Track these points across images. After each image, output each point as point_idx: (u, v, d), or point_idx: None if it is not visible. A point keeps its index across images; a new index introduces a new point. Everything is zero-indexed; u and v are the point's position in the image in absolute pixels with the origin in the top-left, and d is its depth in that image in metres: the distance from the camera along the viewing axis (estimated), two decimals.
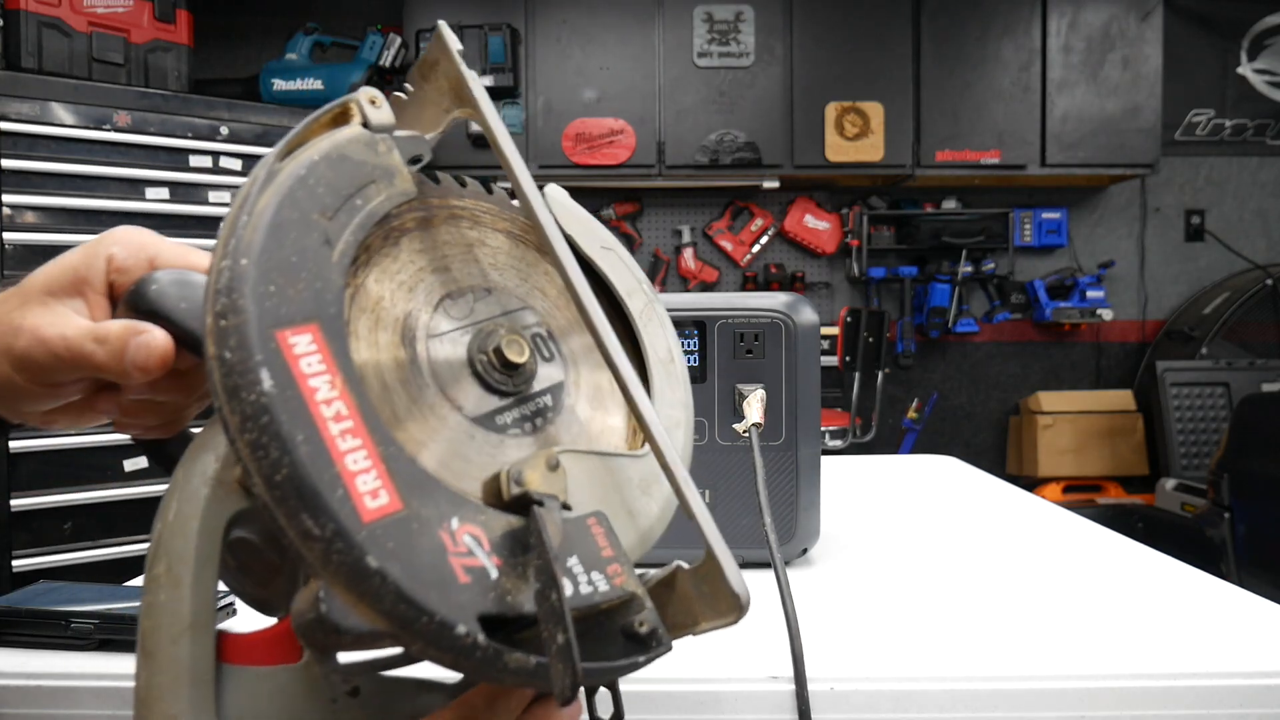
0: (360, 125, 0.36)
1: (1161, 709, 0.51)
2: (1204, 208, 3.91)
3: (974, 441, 3.92)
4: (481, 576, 0.29)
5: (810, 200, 3.75)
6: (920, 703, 0.51)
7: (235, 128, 2.67)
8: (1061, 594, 0.69)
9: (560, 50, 3.38)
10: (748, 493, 0.73)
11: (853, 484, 1.17)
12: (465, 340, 0.37)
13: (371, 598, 0.27)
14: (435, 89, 0.40)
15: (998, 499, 1.08)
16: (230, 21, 3.56)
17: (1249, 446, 2.50)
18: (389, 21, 3.46)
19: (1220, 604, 0.66)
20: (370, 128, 0.36)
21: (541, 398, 0.38)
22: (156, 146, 2.55)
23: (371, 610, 0.27)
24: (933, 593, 0.69)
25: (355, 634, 0.29)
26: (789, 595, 0.55)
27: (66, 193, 2.43)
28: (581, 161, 3.37)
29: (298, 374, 0.28)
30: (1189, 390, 3.43)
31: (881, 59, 3.42)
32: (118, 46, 2.66)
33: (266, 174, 0.33)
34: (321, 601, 0.28)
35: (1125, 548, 0.83)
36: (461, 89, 0.39)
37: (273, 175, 0.33)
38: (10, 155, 2.35)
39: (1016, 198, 3.79)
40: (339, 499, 0.27)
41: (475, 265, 0.40)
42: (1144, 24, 3.47)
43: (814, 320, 0.74)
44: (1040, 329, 3.88)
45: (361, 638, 0.29)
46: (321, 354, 0.29)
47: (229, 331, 0.28)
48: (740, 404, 0.72)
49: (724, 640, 0.57)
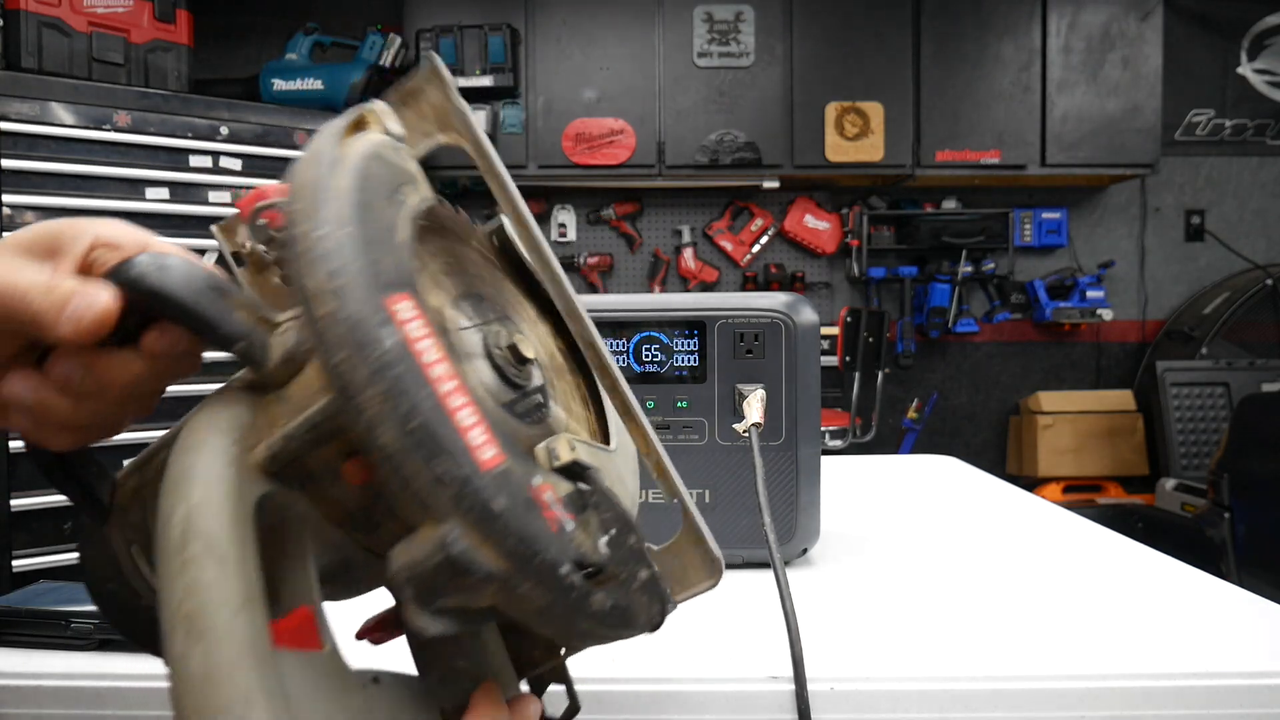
0: (382, 133, 0.38)
1: (1161, 709, 0.51)
2: (1204, 208, 3.91)
3: (974, 441, 3.92)
4: (563, 527, 0.32)
5: (810, 200, 3.75)
6: (920, 703, 0.51)
7: (235, 128, 2.67)
8: (1061, 594, 0.69)
9: (560, 50, 3.38)
10: (748, 493, 0.73)
11: (853, 484, 1.17)
12: (479, 337, 0.38)
13: (498, 537, 0.29)
14: (417, 114, 0.42)
15: (998, 499, 1.08)
16: (230, 21, 3.56)
17: (1249, 446, 2.50)
18: (389, 21, 3.46)
19: (1220, 604, 0.66)
20: (391, 136, 0.38)
21: (537, 394, 0.40)
22: (156, 146, 2.55)
23: (495, 550, 0.30)
24: (932, 593, 0.69)
25: (480, 574, 0.30)
26: (788, 595, 0.55)
27: (66, 193, 2.43)
28: (581, 161, 3.37)
29: (408, 335, 0.30)
30: (1189, 390, 3.43)
31: (881, 59, 3.42)
32: (118, 46, 2.66)
33: (331, 159, 0.34)
34: (451, 544, 0.29)
35: (1125, 548, 0.83)
36: (447, 117, 0.41)
37: (336, 161, 0.34)
38: (10, 155, 2.35)
39: (1016, 198, 3.79)
40: (464, 448, 0.30)
41: (470, 274, 0.43)
42: (1144, 24, 3.47)
43: (814, 320, 0.74)
44: (1040, 329, 3.88)
45: (480, 581, 0.30)
46: (421, 320, 0.31)
47: (347, 290, 0.30)
48: (740, 404, 0.72)
49: (723, 640, 0.57)
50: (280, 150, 2.75)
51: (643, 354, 0.74)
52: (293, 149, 2.78)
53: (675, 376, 0.74)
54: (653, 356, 0.74)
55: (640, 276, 3.79)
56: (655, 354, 0.74)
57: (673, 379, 0.74)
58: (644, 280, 3.78)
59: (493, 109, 3.31)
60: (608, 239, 3.78)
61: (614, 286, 3.78)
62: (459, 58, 3.25)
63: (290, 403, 0.34)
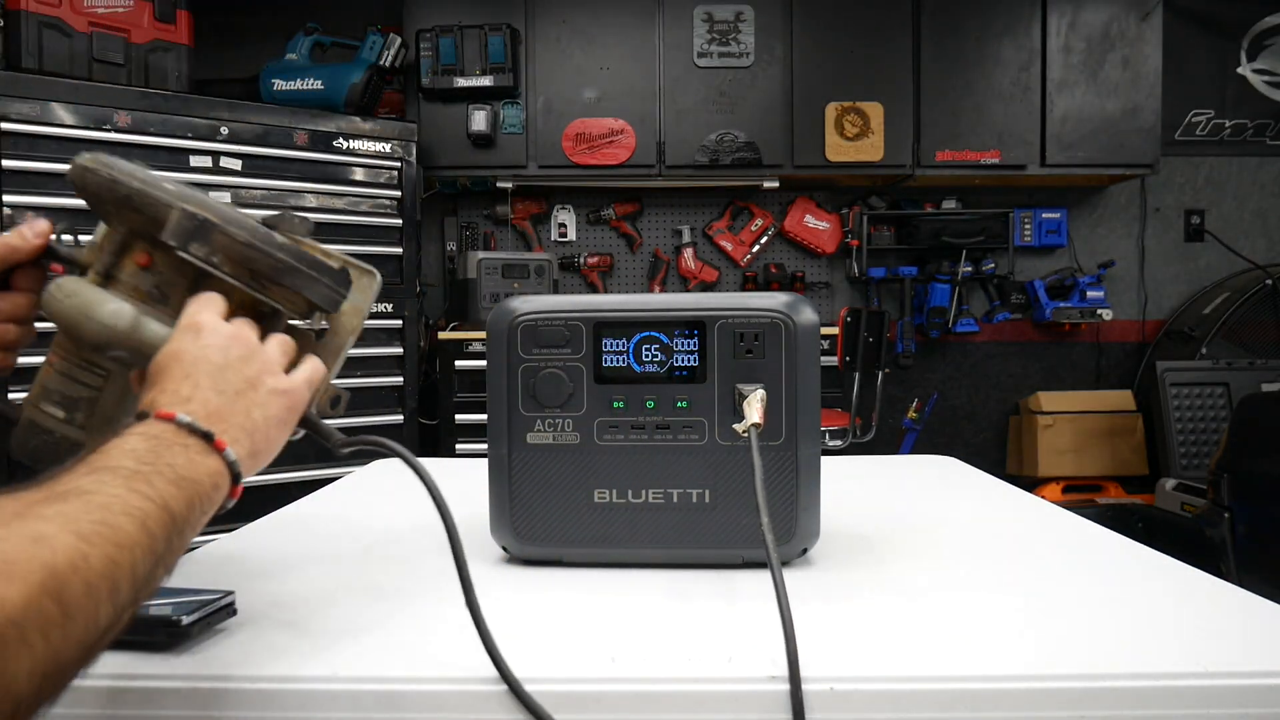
0: None
1: (1161, 709, 0.51)
2: (1204, 208, 3.91)
3: (974, 441, 3.92)
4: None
5: (810, 200, 3.76)
6: (920, 703, 0.51)
7: (235, 128, 2.67)
8: (1061, 594, 0.69)
9: (560, 50, 3.38)
10: (748, 493, 0.73)
11: (853, 484, 1.17)
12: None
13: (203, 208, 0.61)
14: None
15: (998, 499, 1.08)
16: (230, 21, 3.56)
17: (1249, 446, 2.50)
18: (389, 21, 3.46)
19: (1220, 604, 0.66)
20: None
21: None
22: (156, 146, 2.55)
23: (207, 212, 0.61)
24: (933, 593, 0.69)
25: (198, 220, 0.60)
26: (784, 595, 0.55)
27: (67, 193, 2.42)
28: (581, 161, 3.37)
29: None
30: (1189, 390, 3.43)
31: (881, 59, 3.42)
32: (118, 46, 2.66)
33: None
34: (184, 214, 0.61)
35: (1125, 548, 0.83)
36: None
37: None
38: (10, 155, 2.35)
39: (1016, 198, 3.79)
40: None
41: None
42: (1144, 24, 3.47)
43: (814, 320, 0.74)
44: (1040, 329, 3.88)
45: (201, 225, 0.60)
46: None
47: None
48: (740, 404, 0.72)
49: (723, 640, 0.57)
50: (280, 150, 2.75)
51: (643, 354, 0.74)
52: (293, 149, 2.78)
53: (675, 376, 0.74)
54: (653, 356, 0.74)
55: (640, 276, 3.79)
56: (655, 354, 0.74)
57: (673, 379, 0.74)
58: (644, 280, 3.78)
59: (493, 109, 3.31)
60: (608, 239, 3.78)
61: (614, 286, 3.78)
62: (459, 58, 3.25)
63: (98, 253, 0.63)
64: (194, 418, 0.50)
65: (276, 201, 2.74)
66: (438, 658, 0.56)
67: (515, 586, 0.71)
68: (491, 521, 0.77)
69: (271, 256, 0.60)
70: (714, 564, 0.75)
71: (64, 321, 0.60)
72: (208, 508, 0.50)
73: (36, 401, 0.63)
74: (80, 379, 0.62)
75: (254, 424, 0.54)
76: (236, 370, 0.55)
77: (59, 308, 0.60)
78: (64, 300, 0.59)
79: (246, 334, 0.59)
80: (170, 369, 0.54)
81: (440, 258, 3.74)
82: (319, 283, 0.62)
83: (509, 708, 0.52)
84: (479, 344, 3.08)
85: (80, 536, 0.39)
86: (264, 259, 0.60)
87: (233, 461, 0.51)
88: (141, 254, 0.61)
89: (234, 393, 0.54)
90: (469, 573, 0.56)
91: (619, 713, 0.51)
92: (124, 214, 0.60)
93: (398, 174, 2.95)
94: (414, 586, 0.71)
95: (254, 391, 0.55)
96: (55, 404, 0.62)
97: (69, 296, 0.59)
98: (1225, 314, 3.52)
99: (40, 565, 0.36)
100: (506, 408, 0.75)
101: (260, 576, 0.74)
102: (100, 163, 0.60)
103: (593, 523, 0.75)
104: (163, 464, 0.47)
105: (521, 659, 0.55)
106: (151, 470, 0.46)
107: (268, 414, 0.55)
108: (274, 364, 0.59)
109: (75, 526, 0.40)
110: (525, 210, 3.70)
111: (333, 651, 0.56)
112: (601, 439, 0.74)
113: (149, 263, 0.61)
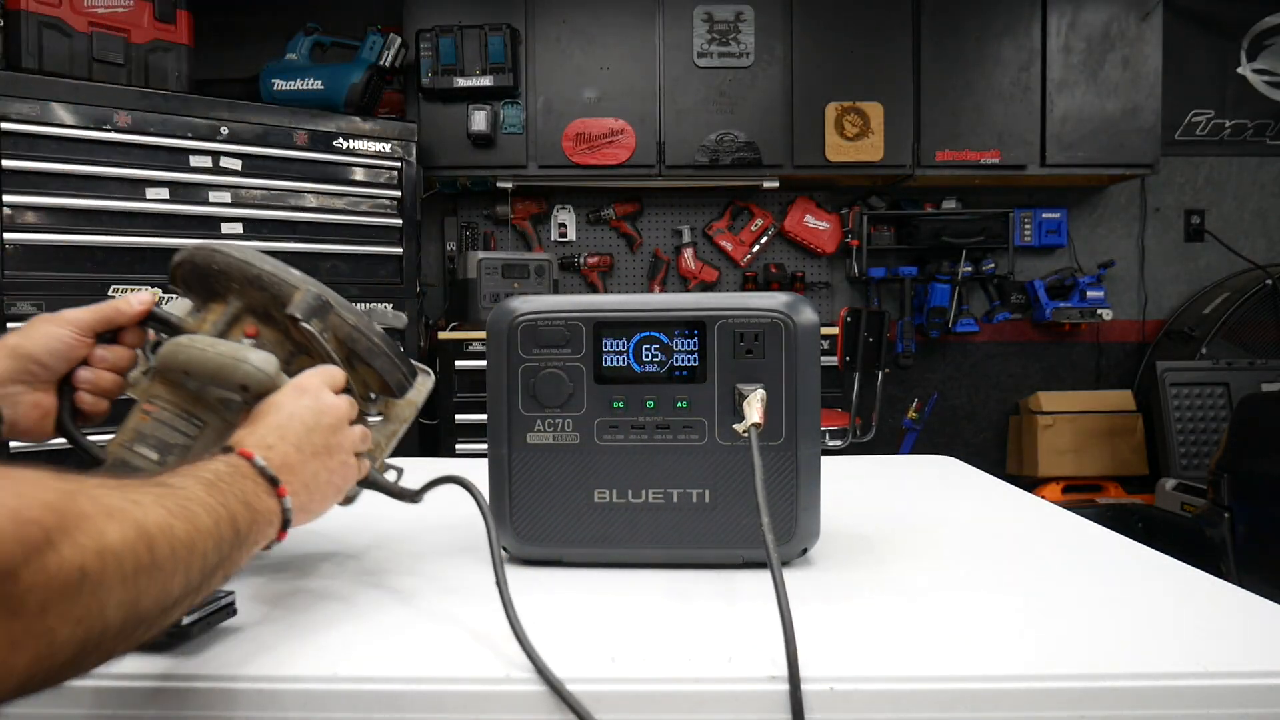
0: None
1: (1161, 709, 0.51)
2: (1204, 208, 3.91)
3: (974, 441, 3.92)
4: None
5: (810, 200, 3.75)
6: (920, 703, 0.51)
7: (235, 128, 2.67)
8: (1061, 594, 0.69)
9: (560, 50, 3.38)
10: (748, 493, 0.73)
11: (853, 484, 1.17)
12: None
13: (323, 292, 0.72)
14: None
15: (998, 499, 1.08)
16: (230, 21, 3.56)
17: (1249, 446, 2.50)
18: (389, 21, 3.46)
19: (1220, 604, 0.66)
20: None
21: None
22: (156, 146, 2.55)
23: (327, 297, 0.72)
24: (933, 593, 0.69)
25: (319, 302, 0.71)
26: (784, 595, 0.55)
27: (67, 193, 2.43)
28: (581, 161, 3.37)
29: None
30: (1189, 390, 3.43)
31: (881, 59, 3.42)
32: (118, 46, 2.66)
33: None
34: (309, 294, 0.71)
35: (1125, 548, 0.83)
36: None
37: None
38: (10, 155, 2.35)
39: (1016, 198, 3.79)
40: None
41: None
42: (1144, 24, 3.47)
43: (814, 320, 0.74)
44: (1040, 329, 3.88)
45: (323, 304, 0.71)
46: None
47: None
48: (740, 404, 0.72)
49: (724, 641, 0.57)
50: (280, 150, 2.75)
51: (643, 354, 0.74)
52: (293, 149, 2.78)
53: (675, 376, 0.74)
54: (653, 356, 0.74)
55: (640, 276, 3.79)
56: (655, 354, 0.74)
57: (673, 379, 0.74)
58: (644, 280, 3.78)
59: (493, 109, 3.31)
60: (608, 239, 3.78)
61: (614, 286, 3.78)
62: (459, 58, 3.25)
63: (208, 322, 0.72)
64: (268, 463, 0.58)
65: (276, 201, 2.74)
66: (438, 658, 0.56)
67: (515, 587, 0.71)
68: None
69: (370, 340, 0.72)
70: (714, 564, 0.75)
71: (202, 368, 0.66)
72: (259, 539, 0.56)
73: (129, 444, 0.69)
74: (178, 427, 0.69)
75: (316, 484, 0.62)
76: (321, 436, 0.63)
77: (198, 356, 0.66)
78: (209, 349, 0.66)
79: (343, 410, 0.66)
80: (267, 416, 0.62)
81: (440, 258, 3.74)
82: (399, 371, 0.74)
83: (509, 707, 0.52)
84: (479, 344, 3.08)
85: (168, 511, 0.46)
86: (364, 341, 0.71)
87: (287, 509, 0.58)
88: (251, 325, 0.71)
89: (310, 453, 0.61)
90: (508, 591, 0.60)
91: (619, 713, 0.51)
92: (248, 291, 0.70)
93: (398, 174, 2.95)
94: (415, 586, 0.71)
95: (328, 458, 0.63)
96: (150, 447, 0.68)
97: (213, 346, 0.67)
98: (1225, 314, 3.52)
99: (135, 519, 0.43)
100: (506, 408, 0.75)
101: (260, 576, 0.74)
102: (227, 247, 0.70)
103: (593, 523, 0.75)
104: (235, 488, 0.54)
105: (521, 659, 0.55)
106: (226, 488, 0.53)
107: (330, 480, 0.63)
108: (352, 441, 0.67)
109: (163, 504, 0.46)
110: (525, 210, 3.70)
111: (333, 652, 0.57)
112: (601, 439, 0.74)
113: (256, 334, 0.71)
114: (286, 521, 0.58)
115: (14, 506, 0.37)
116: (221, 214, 2.65)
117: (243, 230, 2.67)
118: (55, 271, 2.41)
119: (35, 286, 2.38)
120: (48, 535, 0.38)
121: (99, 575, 0.40)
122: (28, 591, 0.37)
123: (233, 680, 0.52)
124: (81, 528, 0.40)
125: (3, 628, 0.36)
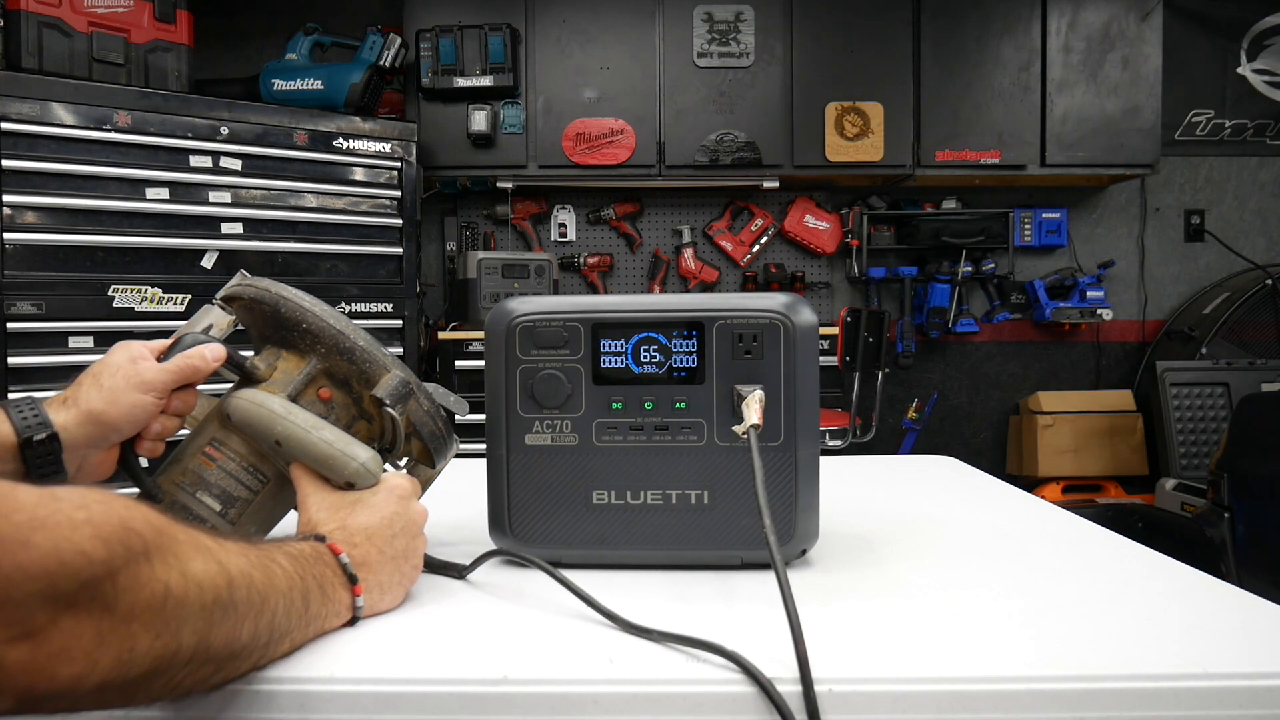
0: None
1: (1161, 709, 0.51)
2: (1204, 208, 3.91)
3: (974, 441, 3.92)
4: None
5: (810, 200, 3.75)
6: (920, 704, 0.51)
7: (235, 128, 2.67)
8: (1061, 594, 0.69)
9: (560, 50, 3.38)
10: (747, 494, 0.73)
11: (853, 484, 1.17)
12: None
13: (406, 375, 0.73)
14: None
15: (998, 499, 1.08)
16: (230, 21, 3.56)
17: (1249, 446, 2.49)
18: (389, 21, 3.46)
19: (1220, 604, 0.66)
20: None
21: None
22: (156, 146, 2.55)
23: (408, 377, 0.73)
24: (933, 593, 0.69)
25: (404, 385, 0.72)
26: (790, 596, 0.55)
27: (67, 193, 2.43)
28: (581, 161, 3.37)
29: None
30: (1189, 390, 3.43)
31: (881, 59, 3.42)
32: (118, 46, 2.66)
33: None
34: (396, 376, 0.72)
35: (1125, 548, 0.83)
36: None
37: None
38: (10, 155, 2.35)
39: (1016, 198, 3.79)
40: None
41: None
42: (1144, 24, 3.47)
43: (813, 320, 0.74)
44: (1040, 329, 3.88)
45: (405, 386, 0.72)
46: None
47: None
48: (739, 405, 0.72)
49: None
50: (280, 150, 2.75)
51: (641, 354, 0.74)
52: (292, 149, 2.77)
53: (674, 377, 0.74)
54: (651, 357, 0.74)
55: (640, 276, 3.79)
56: (654, 354, 0.74)
57: (671, 380, 0.74)
58: (644, 280, 3.78)
59: (493, 109, 3.31)
60: (608, 239, 3.78)
61: (614, 286, 3.78)
62: (459, 58, 3.25)
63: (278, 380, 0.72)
64: (351, 562, 0.61)
65: (276, 201, 2.74)
66: (438, 658, 0.56)
67: (514, 587, 0.71)
68: (490, 523, 0.77)
69: (437, 425, 0.75)
70: (713, 565, 0.75)
71: (302, 450, 0.67)
72: (326, 624, 0.59)
73: (189, 488, 0.69)
74: (244, 481, 0.70)
75: (389, 585, 0.65)
76: (401, 543, 0.66)
77: (300, 435, 0.67)
78: (311, 432, 0.67)
79: (423, 519, 0.70)
80: (359, 514, 0.65)
81: (440, 258, 3.74)
82: (448, 453, 0.78)
83: (510, 708, 0.52)
84: (479, 344, 3.07)
85: (249, 562, 0.50)
86: (431, 426, 0.74)
87: (358, 606, 0.61)
88: (325, 389, 0.72)
89: (389, 558, 0.65)
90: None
91: (618, 714, 0.51)
92: (334, 358, 0.71)
93: (398, 174, 2.95)
94: (415, 586, 0.71)
95: (403, 562, 0.66)
96: (213, 497, 0.69)
97: (316, 430, 0.67)
98: (1225, 314, 3.52)
99: (220, 559, 0.47)
100: (505, 408, 0.75)
101: None
102: (316, 305, 0.71)
103: (591, 524, 0.75)
104: (315, 570, 0.57)
105: (521, 659, 0.55)
106: (307, 568, 0.56)
107: (401, 582, 0.66)
108: (423, 547, 0.70)
109: (246, 555, 0.50)
110: (525, 210, 3.70)
111: (332, 652, 0.56)
112: (600, 440, 0.74)
113: (329, 398, 0.72)
114: (355, 617, 0.61)
115: (125, 516, 0.41)
116: (221, 214, 2.65)
117: (243, 230, 2.66)
118: (55, 271, 2.41)
119: (35, 286, 2.38)
120: (147, 548, 0.42)
121: (181, 596, 0.43)
122: (121, 593, 0.40)
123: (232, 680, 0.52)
124: (174, 550, 0.44)
125: (94, 622, 0.39)
